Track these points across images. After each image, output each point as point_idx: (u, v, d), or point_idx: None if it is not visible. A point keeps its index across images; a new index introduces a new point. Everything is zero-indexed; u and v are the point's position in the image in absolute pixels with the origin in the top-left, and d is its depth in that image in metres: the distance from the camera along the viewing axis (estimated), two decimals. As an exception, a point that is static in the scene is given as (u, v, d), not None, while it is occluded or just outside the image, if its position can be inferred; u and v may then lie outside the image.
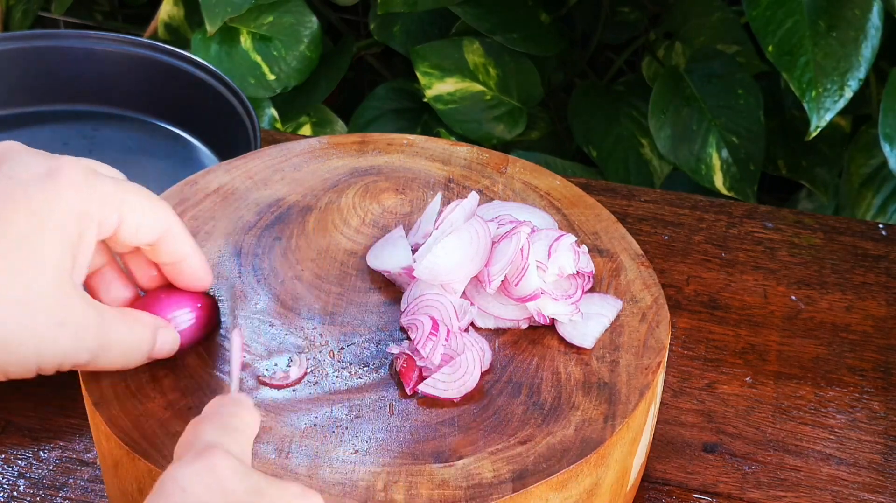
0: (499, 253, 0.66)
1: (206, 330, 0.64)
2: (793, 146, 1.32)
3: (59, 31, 1.04)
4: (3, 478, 0.73)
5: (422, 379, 0.63)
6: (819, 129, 1.05)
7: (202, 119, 1.01)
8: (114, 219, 0.57)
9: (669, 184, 1.36)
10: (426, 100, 1.35)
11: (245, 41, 1.31)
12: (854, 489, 0.75)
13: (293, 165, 0.78)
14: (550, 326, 0.67)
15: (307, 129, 1.41)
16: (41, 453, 0.75)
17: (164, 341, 0.61)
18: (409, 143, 0.80)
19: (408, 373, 0.63)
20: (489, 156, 0.79)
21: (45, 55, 1.03)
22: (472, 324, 0.67)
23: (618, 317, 0.68)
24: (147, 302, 0.63)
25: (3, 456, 0.75)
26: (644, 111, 1.33)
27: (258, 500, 0.47)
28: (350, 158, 0.79)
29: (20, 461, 0.74)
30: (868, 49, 1.06)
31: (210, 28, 1.26)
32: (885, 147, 1.05)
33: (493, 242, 0.67)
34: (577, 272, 0.68)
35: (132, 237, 0.59)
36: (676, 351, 0.83)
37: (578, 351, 0.66)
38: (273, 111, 1.35)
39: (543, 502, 0.59)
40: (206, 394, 0.62)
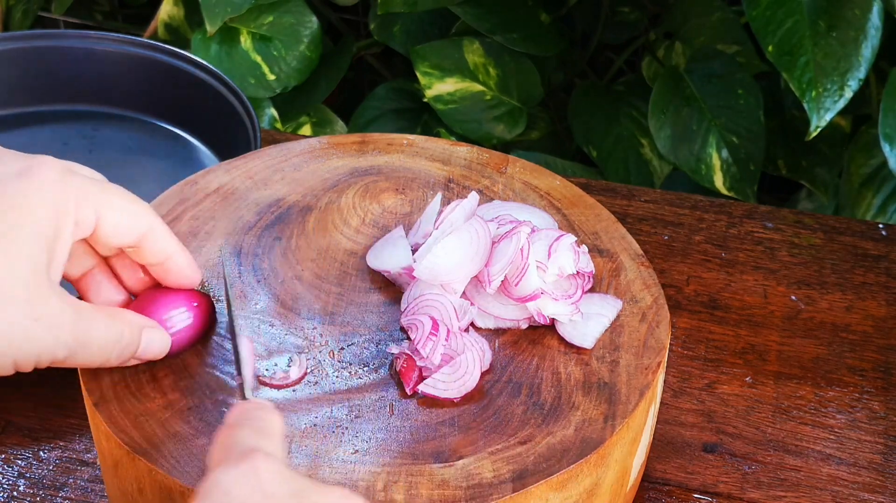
0: (499, 253, 0.66)
1: (204, 329, 0.64)
2: (793, 146, 1.32)
3: (59, 31, 1.04)
4: (3, 478, 0.73)
5: (422, 379, 0.63)
6: (819, 129, 1.05)
7: (202, 119, 1.01)
8: (91, 217, 0.57)
9: (669, 184, 1.36)
10: (426, 100, 1.35)
11: (245, 41, 1.31)
12: (854, 489, 0.75)
13: (293, 165, 0.78)
14: (550, 326, 0.67)
15: (307, 129, 1.41)
16: (41, 453, 0.75)
17: (152, 341, 0.61)
18: (409, 143, 0.80)
19: (408, 373, 0.63)
20: (489, 156, 0.79)
21: (45, 55, 1.03)
22: (472, 324, 0.67)
23: (618, 317, 0.68)
24: (142, 303, 0.63)
25: (3, 456, 0.75)
26: (644, 111, 1.33)
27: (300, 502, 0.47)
28: (350, 158, 0.79)
29: (20, 461, 0.74)
30: (868, 49, 1.06)
31: (210, 28, 1.26)
32: (885, 147, 1.05)
33: (493, 242, 0.67)
34: (577, 272, 0.68)
35: (112, 236, 0.59)
36: (676, 351, 0.83)
37: (578, 351, 0.66)
38: (273, 111, 1.35)
39: (543, 502, 0.59)
40: (206, 394, 0.62)
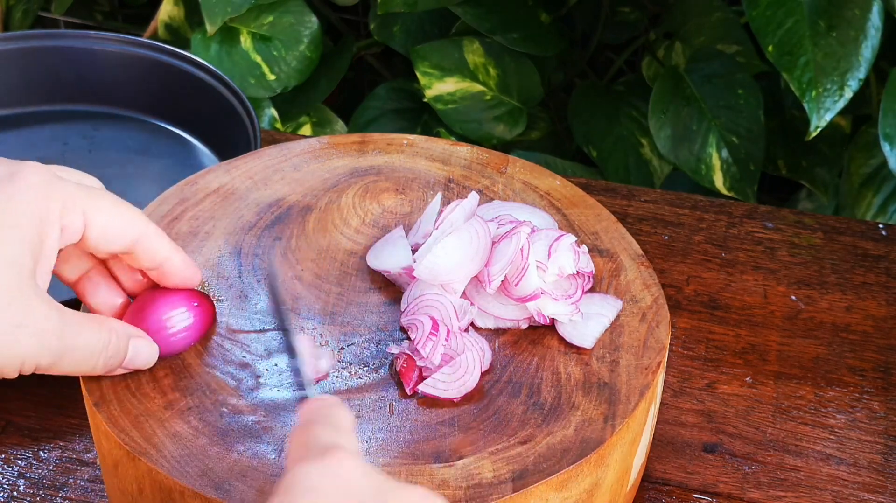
0: (499, 253, 0.66)
1: (204, 329, 0.64)
2: (793, 146, 1.32)
3: (59, 31, 1.04)
4: (3, 478, 0.73)
5: (422, 379, 0.63)
6: (819, 129, 1.05)
7: (202, 119, 1.01)
8: (79, 222, 0.57)
9: (669, 184, 1.36)
10: (426, 100, 1.35)
11: (245, 41, 1.31)
12: (854, 489, 0.75)
13: (293, 165, 0.78)
14: (550, 326, 0.67)
15: (307, 129, 1.41)
16: (41, 453, 0.75)
17: (139, 351, 0.61)
18: (409, 143, 0.80)
19: (408, 373, 0.63)
20: (489, 156, 0.79)
21: (45, 55, 1.03)
22: (472, 324, 0.67)
23: (618, 317, 0.68)
24: (141, 304, 0.63)
25: (3, 456, 0.75)
26: (644, 111, 1.32)
27: (382, 500, 0.47)
28: (350, 158, 0.79)
29: (20, 461, 0.74)
30: (868, 49, 1.06)
31: (210, 28, 1.26)
32: (885, 147, 1.05)
33: (493, 242, 0.67)
34: (577, 272, 0.68)
35: (101, 242, 0.58)
36: (676, 351, 0.83)
37: (578, 351, 0.66)
38: (273, 111, 1.35)
39: (543, 502, 0.59)
40: (206, 394, 0.62)
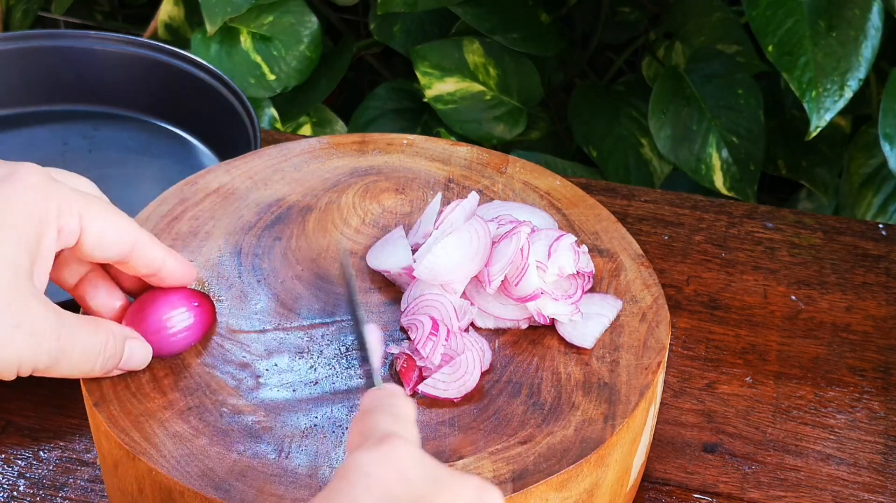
0: (499, 253, 0.66)
1: (205, 329, 0.64)
2: (793, 146, 1.32)
3: (59, 31, 1.04)
4: (3, 478, 0.73)
5: (422, 379, 0.63)
6: (819, 129, 1.05)
7: (202, 119, 1.01)
8: (75, 226, 0.57)
9: (669, 184, 1.36)
10: (426, 100, 1.35)
11: (245, 41, 1.31)
12: (854, 489, 0.75)
13: (293, 165, 0.78)
14: (550, 326, 0.67)
15: (307, 129, 1.41)
16: (41, 453, 0.75)
17: (134, 352, 0.61)
18: (409, 143, 0.80)
19: (408, 373, 0.63)
20: (489, 156, 0.79)
21: (45, 55, 1.03)
22: (472, 324, 0.67)
23: (618, 317, 0.68)
24: (141, 305, 0.63)
25: (3, 456, 0.75)
26: (644, 111, 1.32)
27: (436, 489, 0.47)
28: (350, 158, 0.79)
29: (20, 461, 0.74)
30: (868, 49, 1.06)
31: (210, 28, 1.26)
32: (885, 147, 1.05)
33: (493, 242, 0.67)
34: (577, 272, 0.68)
35: (96, 249, 0.58)
36: (676, 351, 0.83)
37: (578, 351, 0.66)
38: (273, 111, 1.35)
39: (543, 502, 0.59)
40: (206, 394, 0.62)
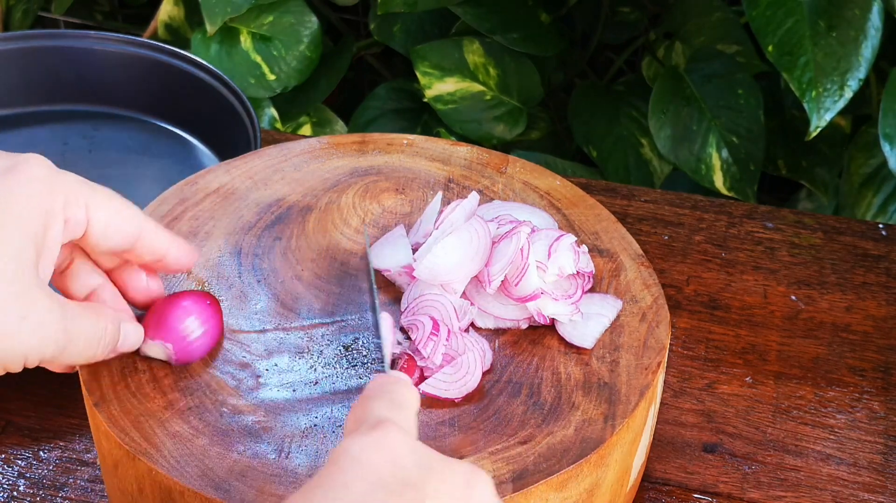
0: (499, 253, 0.66)
1: (220, 330, 0.64)
2: (793, 146, 1.32)
3: (59, 31, 1.04)
4: (3, 478, 0.73)
5: (422, 379, 0.63)
6: (819, 129, 1.05)
7: (202, 119, 1.01)
8: (81, 216, 0.57)
9: (669, 184, 1.36)
10: (426, 100, 1.35)
11: (245, 41, 1.31)
12: (854, 489, 0.75)
13: (293, 165, 0.78)
14: (550, 326, 0.67)
15: (307, 129, 1.41)
16: (41, 453, 0.75)
17: (128, 335, 0.61)
18: (409, 143, 0.80)
19: (408, 373, 0.63)
20: (489, 156, 0.79)
21: (45, 55, 1.03)
22: (473, 324, 0.67)
23: (618, 317, 0.68)
24: (158, 317, 0.62)
25: (3, 456, 0.75)
26: (644, 111, 1.32)
27: (427, 475, 0.48)
28: (350, 158, 0.79)
29: (20, 461, 0.74)
30: (868, 49, 1.06)
31: (210, 28, 1.26)
32: (885, 147, 1.05)
33: (493, 242, 0.67)
34: (577, 272, 0.68)
35: (103, 238, 0.58)
36: (676, 351, 0.83)
37: (578, 351, 0.66)
38: (273, 111, 1.35)
39: (543, 502, 0.59)
40: (206, 394, 0.62)
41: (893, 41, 1.20)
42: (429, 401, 0.63)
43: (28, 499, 0.72)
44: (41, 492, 0.72)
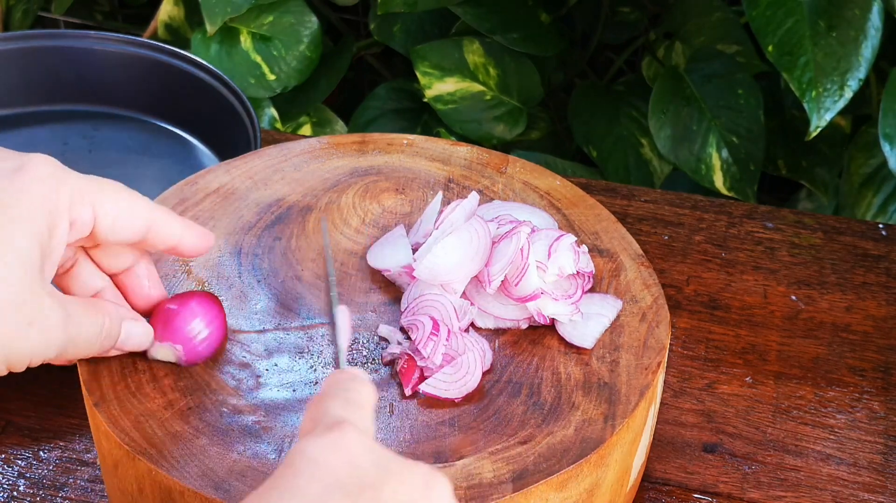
0: (499, 253, 0.66)
1: (224, 329, 0.64)
2: (793, 146, 1.32)
3: (59, 31, 1.04)
4: (3, 478, 0.73)
5: (422, 379, 0.63)
6: (819, 129, 1.05)
7: (202, 119, 1.01)
8: (87, 215, 0.57)
9: (669, 184, 1.36)
10: (426, 100, 1.35)
11: (245, 41, 1.31)
12: (854, 489, 0.75)
13: (293, 165, 0.78)
14: (550, 326, 0.67)
15: (307, 129, 1.41)
16: (41, 453, 0.75)
17: (131, 333, 0.61)
18: (409, 143, 0.80)
19: (408, 373, 0.63)
20: (489, 156, 0.79)
21: (45, 55, 1.03)
22: (473, 324, 0.67)
23: (618, 317, 0.68)
24: (164, 321, 0.62)
25: (3, 456, 0.75)
26: (644, 111, 1.32)
27: (385, 476, 0.47)
28: (350, 158, 0.79)
29: (20, 461, 0.74)
30: (868, 49, 1.06)
31: (210, 28, 1.26)
32: (885, 147, 1.05)
33: (493, 242, 0.67)
34: (577, 272, 0.68)
35: (111, 234, 0.58)
36: (676, 351, 0.83)
37: (578, 351, 0.66)
38: (273, 111, 1.35)
39: (543, 502, 0.59)
40: (206, 394, 0.62)
41: (893, 41, 1.20)
42: (429, 401, 0.63)
43: (28, 499, 0.72)
44: (41, 492, 0.72)
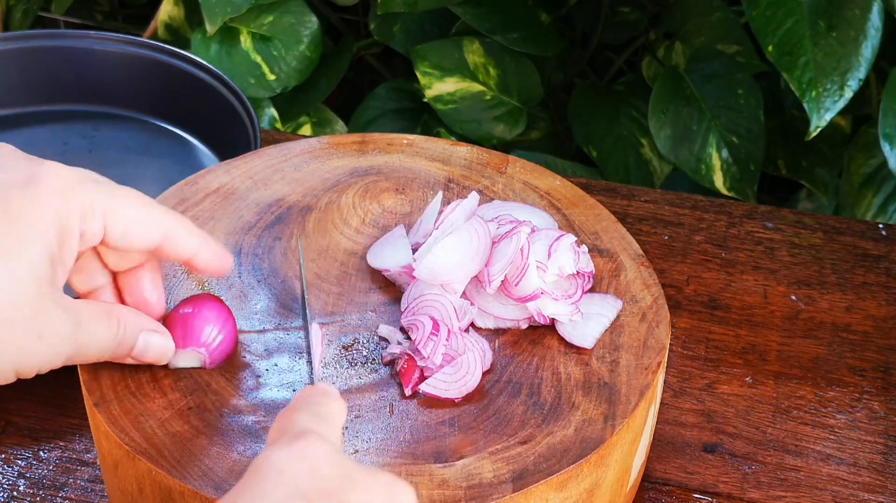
0: (499, 253, 0.66)
1: (235, 332, 0.64)
2: (793, 146, 1.32)
3: (59, 31, 1.04)
4: (3, 478, 0.73)
5: (422, 379, 0.63)
6: (819, 129, 1.05)
7: (202, 119, 1.01)
8: (97, 227, 0.56)
9: (669, 184, 1.36)
10: (426, 100, 1.35)
11: (245, 41, 1.31)
12: (854, 489, 0.75)
13: (293, 165, 0.78)
14: (550, 326, 0.67)
15: (307, 129, 1.41)
16: (41, 453, 0.75)
17: (149, 345, 0.60)
18: (409, 143, 0.80)
19: (408, 373, 0.63)
20: (489, 156, 0.79)
21: (45, 55, 1.03)
22: (473, 324, 0.67)
23: (618, 317, 0.68)
24: (181, 329, 0.62)
25: (3, 456, 0.75)
26: (644, 111, 1.33)
27: (349, 486, 0.48)
28: (350, 158, 0.79)
29: (20, 461, 0.74)
30: (868, 49, 1.06)
31: (210, 28, 1.26)
32: (885, 147, 1.05)
33: (493, 242, 0.67)
34: (577, 272, 0.68)
35: (122, 244, 0.58)
36: (676, 351, 0.83)
37: (578, 351, 0.66)
38: (273, 111, 1.35)
39: (543, 502, 0.59)
40: (207, 394, 0.62)
41: (893, 41, 1.20)
42: (429, 401, 0.63)
43: (28, 499, 0.72)
44: (41, 492, 0.72)
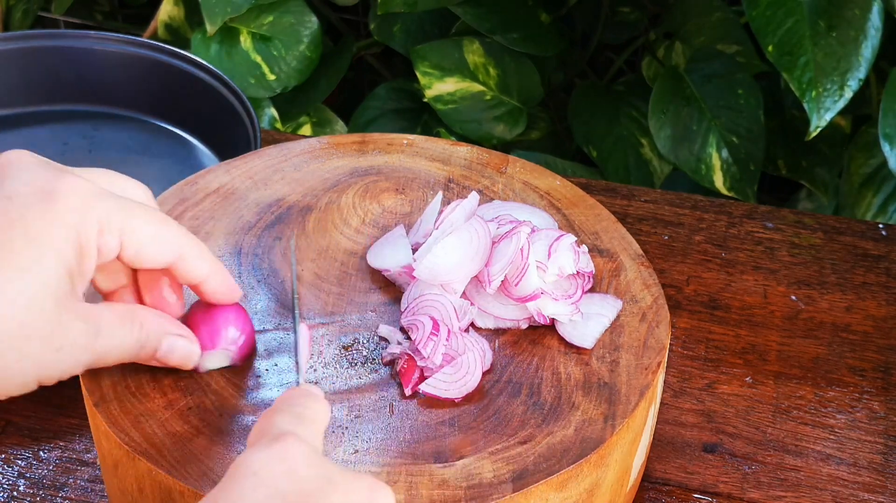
0: (499, 253, 0.66)
1: (253, 332, 0.64)
2: (793, 146, 1.32)
3: (59, 31, 1.04)
4: (3, 478, 0.73)
5: (422, 379, 0.63)
6: (819, 129, 1.05)
7: (202, 119, 1.01)
8: (113, 243, 0.56)
9: (669, 184, 1.36)
10: (426, 100, 1.35)
11: (245, 41, 1.31)
12: (854, 489, 0.75)
13: (293, 165, 0.78)
14: (550, 326, 0.67)
15: (307, 129, 1.41)
16: (41, 453, 0.75)
17: (174, 349, 0.60)
18: (409, 143, 0.80)
19: (408, 373, 0.63)
20: (489, 156, 0.79)
21: (45, 55, 1.03)
22: (473, 324, 0.67)
23: (618, 317, 0.68)
24: (209, 326, 0.62)
25: (3, 456, 0.75)
26: (644, 111, 1.33)
27: (328, 488, 0.48)
28: (350, 158, 0.79)
29: (20, 461, 0.74)
30: (868, 49, 1.06)
31: (210, 28, 1.26)
32: (885, 147, 1.05)
33: (493, 242, 0.67)
34: (577, 272, 0.68)
35: (135, 260, 0.58)
36: (676, 351, 0.83)
37: (578, 351, 0.66)
38: (273, 111, 1.35)
39: (543, 502, 0.59)
40: (207, 394, 0.62)
41: (893, 41, 1.21)
42: (429, 401, 0.63)
43: (28, 499, 0.72)
44: (41, 492, 0.72)
